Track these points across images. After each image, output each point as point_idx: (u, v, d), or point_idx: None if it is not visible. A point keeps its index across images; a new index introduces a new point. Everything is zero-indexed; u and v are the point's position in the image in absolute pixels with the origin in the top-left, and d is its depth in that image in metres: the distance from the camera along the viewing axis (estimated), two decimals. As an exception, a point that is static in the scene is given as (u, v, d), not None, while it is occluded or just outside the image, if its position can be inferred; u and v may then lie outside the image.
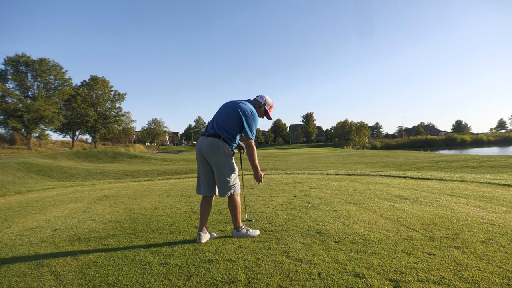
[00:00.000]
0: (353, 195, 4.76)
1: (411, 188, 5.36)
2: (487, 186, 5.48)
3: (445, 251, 2.29)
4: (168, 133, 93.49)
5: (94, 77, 47.93)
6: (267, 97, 3.04)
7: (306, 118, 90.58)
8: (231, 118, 2.78)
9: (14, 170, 15.73)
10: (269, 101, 3.03)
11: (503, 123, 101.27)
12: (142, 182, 9.11)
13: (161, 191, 6.15)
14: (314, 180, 7.12)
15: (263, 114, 3.04)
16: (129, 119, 56.08)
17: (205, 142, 2.77)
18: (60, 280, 2.07)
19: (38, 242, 2.96)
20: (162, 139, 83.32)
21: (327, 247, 2.47)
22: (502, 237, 2.55)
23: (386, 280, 1.88)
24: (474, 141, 72.43)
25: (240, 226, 2.88)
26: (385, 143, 76.42)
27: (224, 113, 2.84)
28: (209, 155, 2.75)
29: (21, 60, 35.74)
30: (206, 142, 2.77)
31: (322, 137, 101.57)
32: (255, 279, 1.95)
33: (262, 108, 3.00)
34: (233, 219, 2.89)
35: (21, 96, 35.88)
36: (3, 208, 5.11)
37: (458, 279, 1.85)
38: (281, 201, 4.48)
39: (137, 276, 2.07)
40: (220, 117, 2.84)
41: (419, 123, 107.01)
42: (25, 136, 36.53)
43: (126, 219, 3.76)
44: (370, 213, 3.54)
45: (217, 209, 4.10)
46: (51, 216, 4.13)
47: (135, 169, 19.01)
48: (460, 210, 3.53)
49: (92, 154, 27.46)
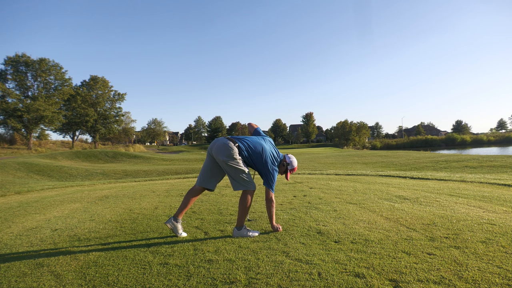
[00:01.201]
0: (353, 195, 4.76)
1: (411, 188, 5.36)
2: (487, 186, 5.48)
3: (445, 251, 2.29)
4: (168, 133, 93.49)
5: (94, 77, 47.97)
6: (294, 160, 3.15)
7: (306, 118, 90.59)
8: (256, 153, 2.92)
9: (14, 170, 15.73)
10: (293, 164, 3.12)
11: (503, 123, 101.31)
12: (142, 182, 9.11)
13: (161, 191, 6.15)
14: (314, 180, 7.12)
15: (283, 172, 3.13)
16: (129, 119, 56.21)
17: (218, 141, 2.90)
18: (60, 280, 2.07)
19: (38, 242, 2.96)
20: (162, 139, 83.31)
21: (327, 247, 2.47)
22: (502, 237, 2.55)
23: (386, 280, 1.88)
24: (474, 141, 72.43)
25: (242, 226, 2.89)
26: (385, 143, 76.40)
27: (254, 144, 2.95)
28: (218, 154, 2.84)
29: (21, 60, 35.77)
30: (219, 141, 2.89)
31: (322, 137, 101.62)
32: (255, 279, 1.95)
33: (285, 167, 3.10)
34: (238, 217, 2.90)
35: (21, 96, 35.90)
36: (3, 208, 5.11)
37: (458, 279, 1.85)
38: (281, 201, 4.48)
39: (137, 276, 2.07)
40: (249, 142, 2.96)
41: (419, 123, 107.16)
42: (25, 136, 36.54)
43: (126, 219, 3.76)
44: (370, 213, 3.54)
45: (217, 209, 4.10)
46: (51, 216, 4.13)
47: (135, 169, 19.01)
48: (460, 210, 3.53)
49: (92, 154, 27.46)
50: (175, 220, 2.89)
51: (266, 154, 2.95)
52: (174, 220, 2.88)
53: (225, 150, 2.82)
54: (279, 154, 3.12)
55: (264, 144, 3.00)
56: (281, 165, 3.09)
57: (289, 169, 3.10)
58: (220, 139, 2.91)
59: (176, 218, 2.89)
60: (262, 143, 3.00)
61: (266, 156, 2.94)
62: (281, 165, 3.09)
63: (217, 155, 2.84)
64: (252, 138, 3.04)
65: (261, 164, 2.93)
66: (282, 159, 3.10)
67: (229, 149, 2.82)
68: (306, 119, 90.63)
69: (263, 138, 3.11)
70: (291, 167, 3.10)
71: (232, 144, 2.84)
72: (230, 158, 2.81)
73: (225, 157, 2.80)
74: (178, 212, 2.92)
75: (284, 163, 3.09)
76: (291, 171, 3.13)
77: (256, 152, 2.92)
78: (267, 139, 3.12)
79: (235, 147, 2.84)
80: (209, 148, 2.96)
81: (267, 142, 3.08)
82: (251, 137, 3.05)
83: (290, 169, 3.11)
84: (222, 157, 2.81)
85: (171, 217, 2.92)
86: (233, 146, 2.84)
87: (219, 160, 2.83)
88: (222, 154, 2.81)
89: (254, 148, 2.92)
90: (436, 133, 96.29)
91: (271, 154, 3.01)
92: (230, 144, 2.84)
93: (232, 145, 2.84)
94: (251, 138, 3.02)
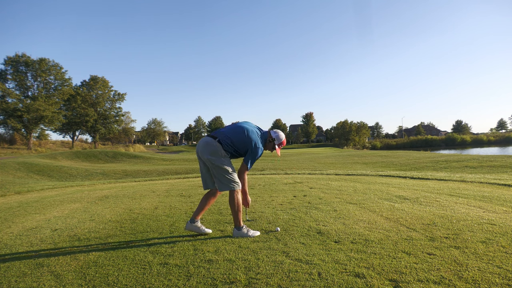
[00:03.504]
0: (353, 195, 4.76)
1: (411, 188, 5.36)
2: (487, 186, 5.48)
3: (445, 251, 2.29)
4: (168, 133, 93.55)
5: (94, 77, 47.97)
6: (280, 133, 3.06)
7: (306, 118, 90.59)
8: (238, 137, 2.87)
9: (14, 170, 15.73)
10: (280, 138, 3.04)
11: (503, 123, 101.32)
12: (142, 182, 9.11)
13: (161, 191, 6.15)
14: (314, 180, 7.12)
15: (271, 148, 3.05)
16: (129, 119, 56.18)
17: (202, 141, 2.90)
18: (60, 280, 2.07)
19: (38, 242, 2.96)
20: (162, 139, 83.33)
21: (327, 247, 2.47)
22: (502, 237, 2.55)
23: (386, 280, 1.88)
24: (474, 141, 72.42)
25: (241, 226, 2.89)
26: (385, 143, 76.38)
27: (234, 129, 2.93)
28: (202, 153, 2.85)
29: (21, 60, 35.76)
30: (202, 141, 2.89)
31: (322, 137, 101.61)
32: (255, 279, 1.95)
33: (271, 143, 3.03)
34: (233, 217, 2.90)
35: (21, 96, 35.89)
36: (3, 208, 5.11)
37: (458, 279, 1.85)
38: (281, 201, 4.48)
39: (137, 276, 2.07)
40: (228, 130, 2.94)
41: (419, 123, 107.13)
42: (25, 136, 36.53)
43: (126, 219, 3.76)
44: (370, 213, 3.54)
45: (217, 209, 4.10)
46: (51, 216, 4.13)
47: (135, 169, 19.00)
48: (460, 210, 3.53)
49: (92, 154, 27.45)
50: (192, 222, 2.92)
51: (249, 131, 2.88)
52: (192, 222, 2.92)
53: (208, 148, 2.82)
54: (264, 132, 3.04)
55: (246, 125, 2.95)
56: (267, 143, 3.02)
57: (276, 144, 3.02)
58: (203, 139, 2.92)
59: (193, 219, 2.93)
60: (243, 125, 2.94)
61: (249, 132, 2.87)
62: (267, 143, 3.02)
63: (202, 154, 2.85)
64: (231, 125, 3.02)
65: (246, 142, 2.85)
66: (267, 136, 3.03)
67: (212, 146, 2.81)
68: (306, 119, 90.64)
69: (245, 122, 3.05)
70: (278, 142, 3.02)
71: (213, 141, 2.83)
72: (214, 155, 2.80)
73: (209, 155, 2.81)
74: (195, 214, 2.95)
75: (270, 139, 3.02)
76: (279, 145, 3.05)
77: (237, 134, 2.87)
78: (250, 123, 3.06)
79: (216, 142, 2.83)
80: (196, 150, 2.96)
81: (250, 124, 3.02)
82: (230, 125, 3.03)
83: (278, 144, 3.03)
84: (207, 155, 2.82)
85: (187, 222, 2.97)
86: (214, 142, 2.82)
87: (204, 159, 2.84)
88: (206, 153, 2.82)
89: (235, 132, 2.88)
90: (436, 133, 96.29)
91: (256, 132, 2.95)
92: (212, 141, 2.83)
93: (213, 142, 2.83)
94: (230, 126, 3.00)
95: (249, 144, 2.86)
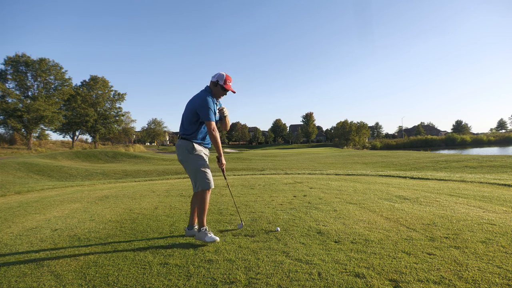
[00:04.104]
0: (353, 195, 4.76)
1: (411, 188, 5.36)
2: (487, 186, 5.48)
3: (445, 251, 2.29)
4: (168, 133, 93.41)
5: (94, 77, 47.93)
6: (220, 72, 2.86)
7: (306, 118, 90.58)
8: (186, 114, 2.85)
9: (14, 170, 15.73)
10: (221, 75, 2.83)
11: (503, 123, 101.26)
12: (142, 182, 9.11)
13: (161, 191, 6.15)
14: (314, 180, 7.12)
15: (221, 90, 2.87)
16: (129, 119, 56.14)
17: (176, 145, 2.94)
18: (60, 280, 2.07)
19: (38, 242, 2.96)
20: (162, 139, 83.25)
21: (327, 247, 2.47)
22: (502, 237, 2.55)
23: (386, 280, 1.88)
24: (474, 141, 72.38)
25: (203, 227, 2.78)
26: (385, 143, 76.37)
27: (184, 112, 2.92)
28: (177, 156, 2.90)
29: (21, 60, 35.74)
30: (176, 145, 2.93)
31: (322, 137, 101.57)
32: (255, 279, 1.95)
33: (217, 86, 2.85)
34: (198, 217, 2.79)
35: (21, 96, 35.87)
36: (3, 208, 5.11)
37: (458, 279, 1.85)
38: (281, 201, 4.48)
39: (137, 276, 2.07)
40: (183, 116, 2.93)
41: (419, 123, 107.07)
42: (25, 136, 36.51)
43: (126, 219, 3.76)
44: (370, 213, 3.54)
45: (217, 209, 4.10)
46: (51, 216, 4.13)
47: (135, 169, 19.00)
48: (460, 210, 3.53)
49: (92, 154, 27.44)
50: (190, 228, 2.95)
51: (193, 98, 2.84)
52: (190, 229, 2.95)
53: (178, 151, 2.87)
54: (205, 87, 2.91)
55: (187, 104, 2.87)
56: (213, 91, 2.86)
57: (221, 84, 2.83)
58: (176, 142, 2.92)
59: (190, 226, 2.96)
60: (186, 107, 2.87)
61: (188, 102, 2.84)
62: (213, 91, 2.86)
63: (177, 156, 2.90)
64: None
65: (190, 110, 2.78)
66: (208, 87, 2.88)
67: (179, 148, 2.85)
68: (306, 119, 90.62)
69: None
70: (221, 80, 2.82)
71: (179, 140, 2.87)
72: (182, 155, 2.83)
73: (180, 157, 2.86)
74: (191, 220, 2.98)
75: (214, 83, 2.84)
76: (226, 82, 2.84)
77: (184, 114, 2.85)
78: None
79: (180, 141, 2.86)
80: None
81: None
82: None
83: (222, 83, 2.82)
84: (179, 159, 2.87)
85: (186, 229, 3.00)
86: (179, 142, 2.86)
87: (179, 159, 2.88)
88: (179, 156, 2.88)
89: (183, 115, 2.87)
90: (436, 133, 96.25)
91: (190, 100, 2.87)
92: (178, 142, 2.87)
93: (179, 141, 2.86)
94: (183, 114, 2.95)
95: (193, 106, 2.76)
